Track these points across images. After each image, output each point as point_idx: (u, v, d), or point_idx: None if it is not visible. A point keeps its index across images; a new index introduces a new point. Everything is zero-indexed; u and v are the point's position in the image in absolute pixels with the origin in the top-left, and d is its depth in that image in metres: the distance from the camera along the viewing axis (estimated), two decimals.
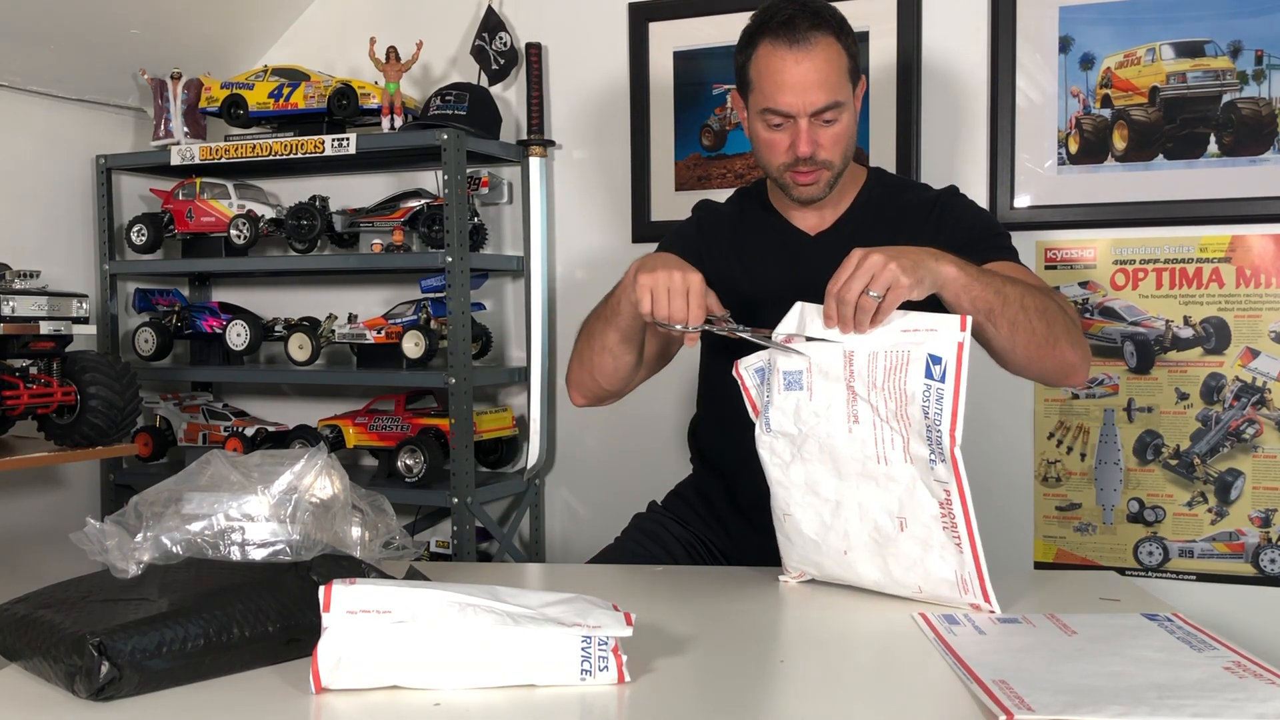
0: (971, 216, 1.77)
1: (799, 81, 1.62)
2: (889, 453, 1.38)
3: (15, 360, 2.22)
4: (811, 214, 1.79)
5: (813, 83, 1.62)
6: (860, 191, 1.80)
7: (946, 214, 1.75)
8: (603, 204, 2.78)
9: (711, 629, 1.33)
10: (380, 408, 2.80)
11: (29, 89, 2.74)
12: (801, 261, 1.76)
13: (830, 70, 1.63)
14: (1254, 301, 2.30)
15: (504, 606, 1.15)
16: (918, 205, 1.77)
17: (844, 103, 1.65)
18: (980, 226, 1.75)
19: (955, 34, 2.46)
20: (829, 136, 1.66)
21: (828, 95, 1.63)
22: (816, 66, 1.62)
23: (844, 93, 1.65)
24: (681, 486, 1.96)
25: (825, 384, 1.41)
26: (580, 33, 2.77)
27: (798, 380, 1.42)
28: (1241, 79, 2.27)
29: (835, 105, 1.64)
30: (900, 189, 1.84)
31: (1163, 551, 2.38)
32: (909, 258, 1.39)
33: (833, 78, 1.63)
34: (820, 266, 1.70)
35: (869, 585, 1.45)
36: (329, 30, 3.02)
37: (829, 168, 1.69)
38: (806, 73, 1.62)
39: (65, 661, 1.12)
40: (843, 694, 1.15)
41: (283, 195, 3.02)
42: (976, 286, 1.45)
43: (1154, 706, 1.03)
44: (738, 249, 1.83)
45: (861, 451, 1.40)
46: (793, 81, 1.62)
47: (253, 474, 1.33)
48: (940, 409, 1.33)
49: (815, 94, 1.63)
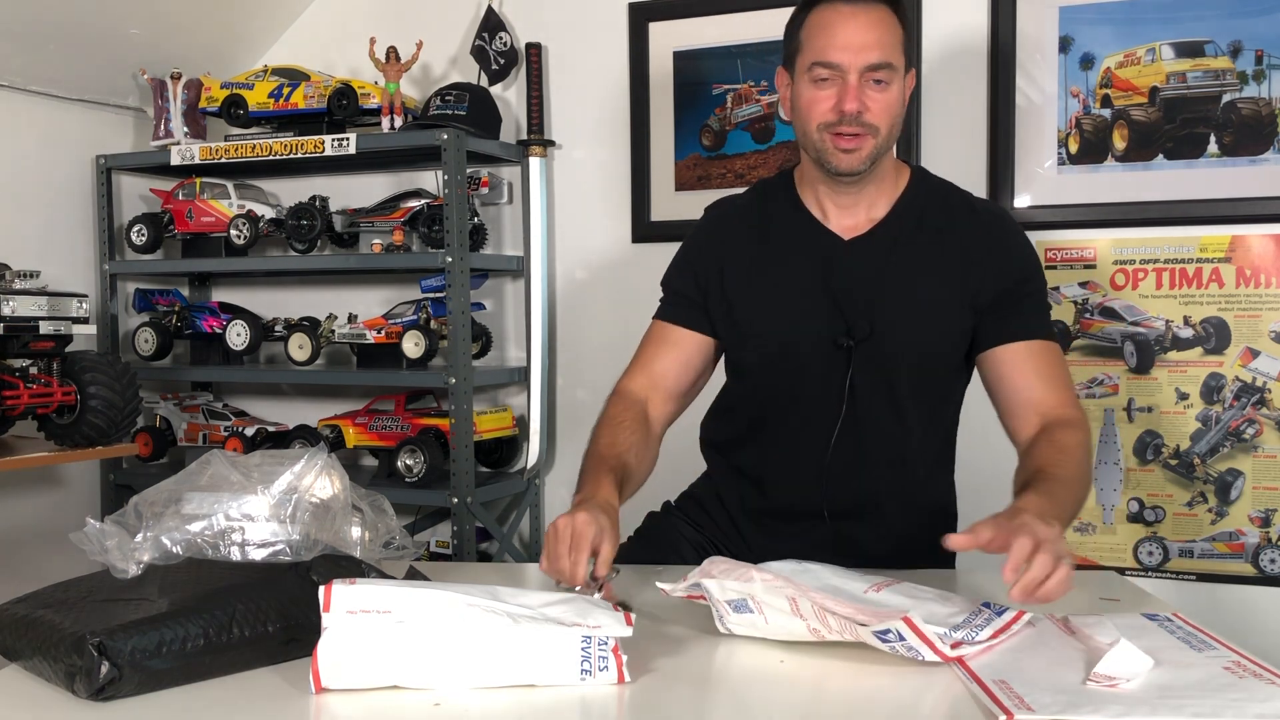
0: (1022, 264, 1.68)
1: (853, 37, 1.57)
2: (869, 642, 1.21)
3: (15, 360, 2.22)
4: (847, 215, 1.69)
5: (868, 40, 1.57)
6: (902, 195, 1.70)
7: (999, 248, 1.67)
8: (603, 204, 2.78)
9: (711, 629, 1.33)
10: (380, 408, 2.80)
11: (29, 89, 2.74)
12: (835, 268, 1.67)
13: (885, 32, 1.58)
14: (1254, 301, 2.30)
15: (504, 606, 1.15)
16: (968, 222, 1.68)
17: (896, 68, 1.60)
18: (1031, 282, 1.67)
19: (955, 33, 2.46)
20: (878, 101, 1.59)
21: (881, 54, 1.57)
22: (872, 24, 1.58)
23: (897, 59, 1.59)
24: (694, 488, 1.93)
25: (777, 616, 1.25)
26: (580, 33, 2.78)
27: (745, 605, 1.26)
28: (1241, 79, 2.27)
29: (888, 66, 1.58)
30: (946, 195, 1.73)
31: (1163, 551, 2.38)
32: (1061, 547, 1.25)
33: (887, 40, 1.58)
34: (854, 275, 1.66)
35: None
36: (329, 30, 3.02)
37: (874, 134, 1.60)
38: (862, 26, 1.57)
39: (65, 661, 1.12)
40: (843, 694, 1.15)
41: (283, 195, 3.02)
42: (1067, 521, 1.40)
43: (1154, 706, 1.03)
44: (761, 249, 1.72)
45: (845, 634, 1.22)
46: (846, 36, 1.57)
47: (253, 474, 1.33)
48: (915, 648, 1.17)
49: (869, 51, 1.57)
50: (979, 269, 1.64)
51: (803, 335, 1.67)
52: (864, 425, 1.66)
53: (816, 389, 1.68)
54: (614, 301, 2.76)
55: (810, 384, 1.68)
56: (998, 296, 1.64)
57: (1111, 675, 1.09)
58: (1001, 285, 1.64)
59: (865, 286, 1.65)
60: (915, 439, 1.68)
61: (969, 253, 1.65)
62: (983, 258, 1.65)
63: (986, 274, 1.64)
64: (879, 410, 1.66)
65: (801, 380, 1.69)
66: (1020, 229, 1.73)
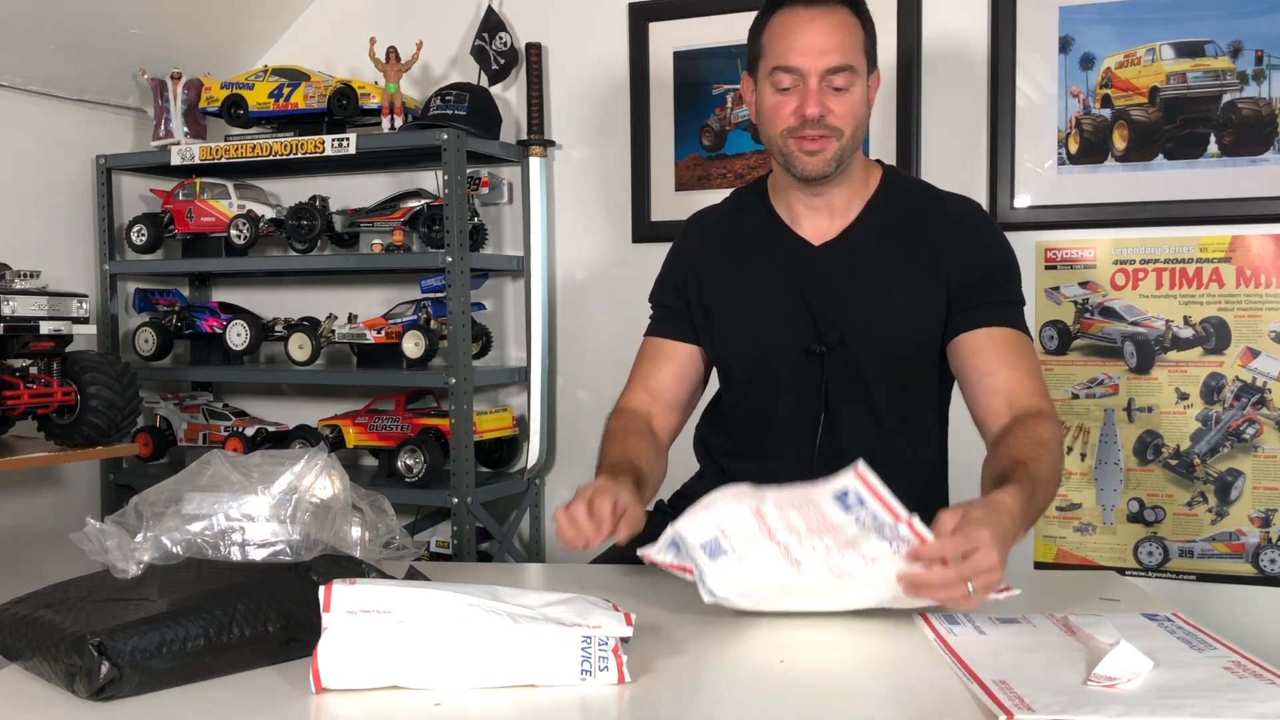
0: (992, 256, 1.68)
1: (812, 41, 1.58)
2: (847, 567, 1.27)
3: (15, 360, 2.22)
4: (819, 218, 1.71)
5: (827, 44, 1.58)
6: (873, 196, 1.71)
7: (968, 241, 1.67)
8: (603, 204, 2.78)
9: (711, 629, 1.33)
10: (380, 408, 2.80)
11: (29, 89, 2.74)
12: (805, 274, 1.69)
13: (845, 36, 1.59)
14: (1254, 301, 2.30)
15: (504, 606, 1.15)
16: (938, 220, 1.69)
17: (858, 71, 1.60)
18: (999, 273, 1.67)
19: (955, 33, 2.46)
20: (840, 102, 1.60)
21: (841, 57, 1.58)
22: (831, 27, 1.58)
23: (858, 61, 1.60)
24: (688, 487, 1.94)
25: (749, 544, 1.31)
26: (580, 33, 2.77)
27: (718, 547, 1.30)
28: (1241, 79, 2.27)
29: (848, 68, 1.59)
30: (915, 196, 1.74)
31: (1163, 551, 2.38)
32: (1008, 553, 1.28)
33: (848, 43, 1.59)
34: (825, 280, 1.69)
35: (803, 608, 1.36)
36: (329, 30, 3.02)
37: (838, 136, 1.61)
38: (821, 30, 1.58)
39: (65, 661, 1.12)
40: (843, 694, 1.15)
41: (283, 195, 3.02)
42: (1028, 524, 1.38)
43: (1154, 706, 1.03)
44: (735, 257, 1.75)
45: (816, 583, 1.29)
46: (806, 40, 1.58)
47: (253, 474, 1.33)
48: (878, 515, 1.25)
49: (828, 55, 1.58)
50: (949, 262, 1.65)
51: (777, 343, 1.69)
52: (843, 430, 1.69)
53: (794, 396, 1.70)
54: (614, 301, 2.76)
55: (788, 391, 1.70)
56: (967, 286, 1.64)
57: (1111, 676, 1.09)
58: (971, 275, 1.65)
59: (836, 292, 1.67)
60: (897, 441, 1.69)
61: (940, 249, 1.66)
62: (953, 251, 1.66)
63: (956, 265, 1.65)
64: (856, 415, 1.69)
65: (779, 388, 1.71)
66: (992, 221, 1.75)
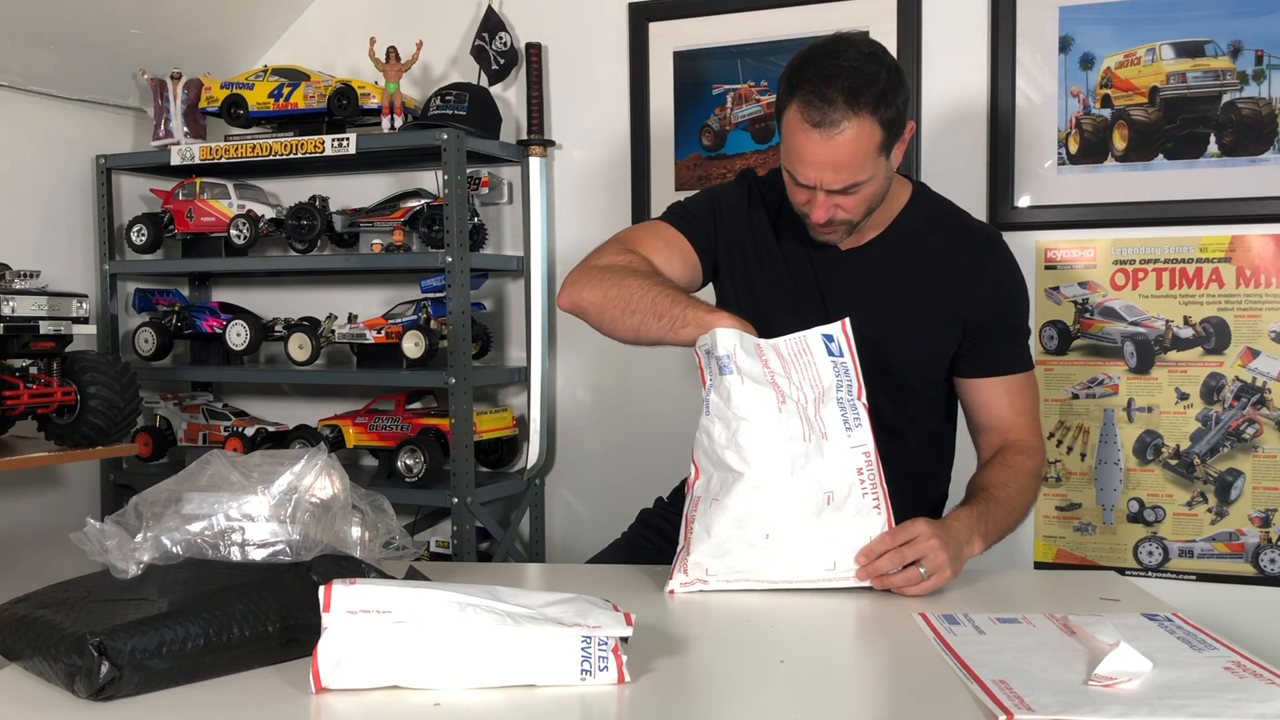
0: (1011, 291, 1.75)
1: (819, 162, 1.57)
2: (812, 432, 1.46)
3: (15, 360, 2.22)
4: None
5: (838, 162, 1.56)
6: (900, 213, 1.74)
7: (993, 276, 1.72)
8: (603, 204, 2.78)
9: (711, 629, 1.33)
10: (380, 408, 2.80)
11: (29, 89, 2.74)
12: (828, 276, 1.73)
13: (856, 153, 1.56)
14: (1254, 301, 2.30)
15: (504, 606, 1.15)
16: (963, 245, 1.73)
17: (865, 180, 1.59)
18: (1017, 310, 1.76)
19: (955, 34, 2.46)
20: (851, 201, 1.62)
21: (848, 177, 1.57)
22: (840, 152, 1.55)
23: (868, 170, 1.58)
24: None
25: (749, 378, 1.47)
26: (580, 33, 2.77)
27: (727, 365, 1.47)
28: (1241, 79, 2.27)
29: (854, 185, 1.59)
30: (943, 219, 1.77)
31: (1163, 551, 2.38)
32: (960, 556, 1.50)
33: (857, 159, 1.56)
34: (847, 284, 1.72)
35: (774, 580, 1.47)
36: (329, 30, 3.02)
37: (848, 225, 1.66)
38: (829, 157, 1.56)
39: (65, 661, 1.12)
40: (843, 694, 1.15)
41: (283, 195, 3.02)
42: (994, 539, 1.60)
43: (1154, 707, 1.03)
44: (768, 245, 1.77)
45: (787, 431, 1.45)
46: (813, 160, 1.57)
47: (253, 474, 1.33)
48: (849, 380, 1.48)
49: (835, 176, 1.57)
50: (968, 293, 1.70)
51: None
52: None
53: None
54: None
55: None
56: (983, 324, 1.71)
57: (1111, 677, 1.09)
58: (988, 314, 1.70)
59: (855, 297, 1.70)
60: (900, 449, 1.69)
61: (960, 276, 1.71)
62: (972, 283, 1.71)
63: (974, 300, 1.70)
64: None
65: None
66: (1010, 254, 1.78)
